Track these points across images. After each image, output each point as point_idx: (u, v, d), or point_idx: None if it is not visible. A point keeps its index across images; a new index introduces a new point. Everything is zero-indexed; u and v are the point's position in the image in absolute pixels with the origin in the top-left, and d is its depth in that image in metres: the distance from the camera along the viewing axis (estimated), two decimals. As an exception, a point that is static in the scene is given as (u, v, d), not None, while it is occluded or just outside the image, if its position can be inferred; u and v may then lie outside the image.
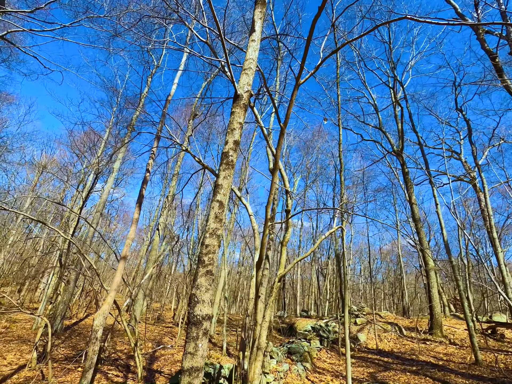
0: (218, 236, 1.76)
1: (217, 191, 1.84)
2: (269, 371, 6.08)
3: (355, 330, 12.06)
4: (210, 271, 1.65)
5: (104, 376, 6.97)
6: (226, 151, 1.92)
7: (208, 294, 1.60)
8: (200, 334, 1.49)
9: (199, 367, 1.43)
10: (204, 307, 1.55)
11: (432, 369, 7.41)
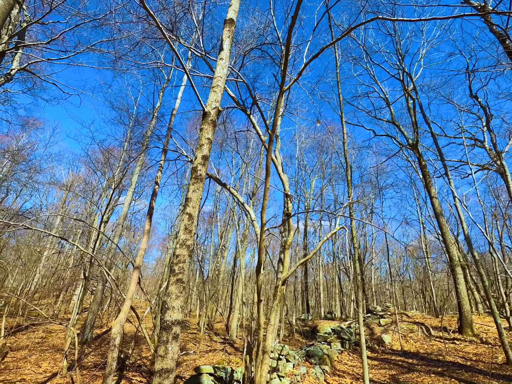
0: (188, 246, 1.88)
1: (187, 204, 1.97)
2: (284, 374, 6.10)
3: (379, 331, 11.74)
4: (180, 279, 1.77)
5: (129, 381, 7.29)
6: (195, 166, 2.05)
7: (178, 301, 1.73)
8: (170, 338, 1.62)
9: (169, 368, 1.55)
10: (173, 313, 1.67)
11: (459, 370, 7.09)
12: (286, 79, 3.89)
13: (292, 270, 4.48)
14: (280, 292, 4.41)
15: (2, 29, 11.18)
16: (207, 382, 4.51)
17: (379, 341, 11.00)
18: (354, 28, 3.02)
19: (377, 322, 12.58)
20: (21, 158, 20.00)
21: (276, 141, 11.42)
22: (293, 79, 3.66)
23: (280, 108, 3.56)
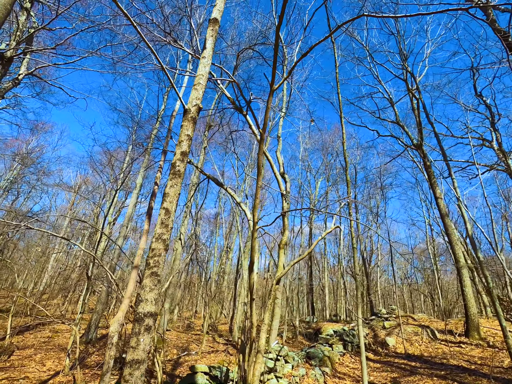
0: (164, 240, 1.91)
1: (164, 199, 2.00)
2: (282, 375, 6.07)
3: (383, 334, 11.58)
4: (155, 273, 1.80)
5: (129, 381, 7.36)
6: (174, 162, 2.09)
7: (152, 294, 1.75)
8: (142, 329, 1.64)
9: (140, 359, 1.57)
10: (146, 306, 1.70)
11: (463, 373, 6.94)
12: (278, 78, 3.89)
13: (286, 270, 4.47)
14: (274, 292, 4.41)
15: (11, 36, 11.49)
16: (201, 380, 4.52)
17: (383, 344, 10.85)
18: (342, 26, 3.02)
19: (381, 325, 12.40)
20: (30, 161, 20.46)
21: (278, 142, 11.42)
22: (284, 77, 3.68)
23: (270, 107, 3.56)
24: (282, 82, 3.64)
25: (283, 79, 3.61)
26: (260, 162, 3.80)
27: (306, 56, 15.07)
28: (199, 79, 2.39)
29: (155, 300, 1.75)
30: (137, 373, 1.53)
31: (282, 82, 3.64)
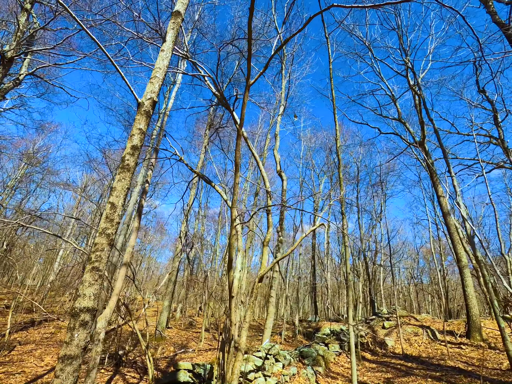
0: (108, 235, 1.88)
1: (111, 193, 1.98)
2: (271, 374, 6.02)
3: (382, 334, 11.42)
4: (97, 268, 1.78)
5: (122, 377, 7.41)
6: (123, 156, 2.06)
7: (92, 289, 1.73)
8: (77, 325, 1.62)
9: (73, 355, 1.55)
10: (84, 301, 1.68)
11: (458, 374, 6.78)
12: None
13: (268, 268, 4.42)
14: (256, 290, 4.36)
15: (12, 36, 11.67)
16: (183, 377, 4.52)
17: (382, 344, 10.70)
18: (313, 18, 2.94)
19: (381, 325, 12.24)
20: (36, 161, 20.82)
21: (275, 140, 11.35)
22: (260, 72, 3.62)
23: (246, 102, 3.51)
24: (258, 77, 3.58)
25: (259, 73, 3.55)
26: (237, 159, 3.76)
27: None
28: (156, 73, 2.36)
29: (94, 295, 1.73)
30: (69, 368, 1.51)
31: (258, 77, 3.58)
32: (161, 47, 2.46)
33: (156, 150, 7.06)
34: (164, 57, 2.42)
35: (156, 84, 2.33)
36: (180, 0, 2.66)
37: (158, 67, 2.38)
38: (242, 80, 12.61)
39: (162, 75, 2.39)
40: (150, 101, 2.26)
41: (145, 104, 2.22)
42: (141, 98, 2.23)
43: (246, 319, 4.24)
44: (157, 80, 2.34)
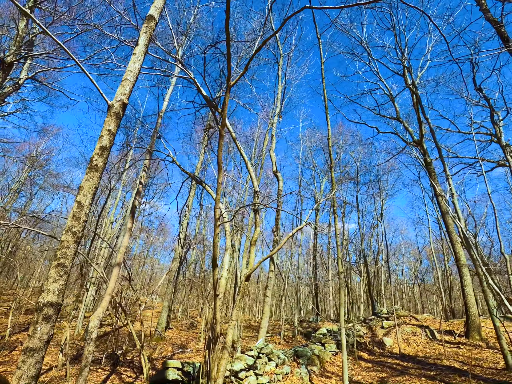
0: (74, 232, 1.95)
1: (79, 193, 2.05)
2: (263, 372, 6.05)
3: (381, 334, 11.38)
4: (62, 264, 1.84)
5: (118, 376, 7.50)
6: (92, 156, 2.13)
7: (56, 284, 1.80)
8: (40, 319, 1.69)
9: (35, 347, 1.62)
10: (47, 296, 1.74)
11: (453, 374, 6.75)
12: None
13: (255, 267, 4.46)
14: (243, 288, 4.40)
15: (12, 41, 11.85)
16: (172, 375, 4.57)
17: (380, 344, 10.67)
18: (288, 19, 2.99)
19: (380, 325, 12.19)
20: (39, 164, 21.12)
21: (271, 141, 11.40)
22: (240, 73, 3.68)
23: (227, 103, 3.56)
24: (239, 78, 3.63)
25: (240, 75, 3.60)
26: (219, 159, 3.82)
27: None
28: (127, 75, 2.43)
29: (58, 290, 1.79)
30: (31, 360, 1.57)
31: (238, 78, 3.63)
32: (133, 50, 2.54)
33: (149, 152, 7.15)
34: (135, 60, 2.49)
35: (127, 86, 2.39)
36: (154, 5, 2.73)
37: (129, 70, 2.45)
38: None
39: (134, 78, 2.45)
40: (120, 103, 2.33)
41: (114, 106, 2.29)
42: (111, 101, 2.31)
43: (233, 317, 4.29)
44: (127, 83, 2.40)
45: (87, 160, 18.65)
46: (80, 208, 1.99)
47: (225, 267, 4.71)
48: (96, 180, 2.09)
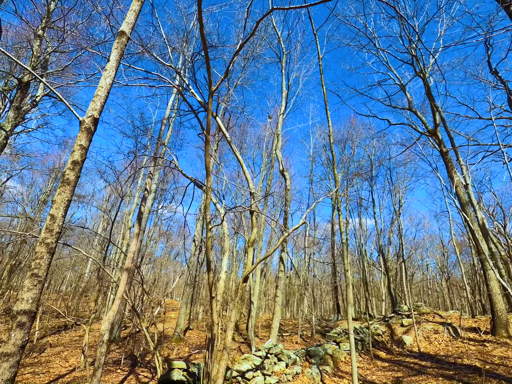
0: (47, 244, 2.06)
1: (52, 206, 2.17)
2: (272, 373, 6.07)
3: (400, 332, 11.04)
4: (35, 274, 1.96)
5: (135, 377, 7.79)
6: (64, 171, 2.25)
7: (30, 293, 1.92)
8: (14, 325, 1.81)
9: (10, 353, 1.74)
10: (21, 304, 1.86)
11: (473, 373, 6.43)
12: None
13: (252, 268, 4.48)
14: (241, 290, 4.44)
15: (27, 62, 12.49)
16: (177, 376, 4.70)
17: (399, 342, 10.36)
18: (260, 21, 3.00)
19: (400, 323, 11.83)
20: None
21: (277, 140, 11.37)
22: (221, 78, 3.72)
23: (211, 109, 3.61)
24: (220, 83, 3.68)
25: (221, 80, 3.65)
26: (207, 163, 3.88)
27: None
28: (98, 91, 2.54)
29: (32, 299, 1.91)
30: (6, 364, 1.70)
31: (219, 83, 3.68)
32: (105, 66, 2.65)
33: (154, 159, 7.36)
34: (106, 76, 2.60)
35: (98, 102, 2.51)
36: (125, 20, 2.83)
37: (100, 86, 2.56)
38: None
39: (105, 93, 2.56)
40: (91, 118, 2.45)
41: (85, 121, 2.41)
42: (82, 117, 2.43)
43: (231, 319, 4.34)
44: (98, 98, 2.52)
45: (101, 168, 19.39)
46: (53, 221, 2.12)
47: (223, 269, 4.76)
48: (68, 193, 2.22)
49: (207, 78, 3.68)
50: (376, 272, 26.16)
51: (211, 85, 3.60)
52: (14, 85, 12.53)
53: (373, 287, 25.76)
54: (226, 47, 6.93)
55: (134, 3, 2.87)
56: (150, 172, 7.22)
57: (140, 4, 2.90)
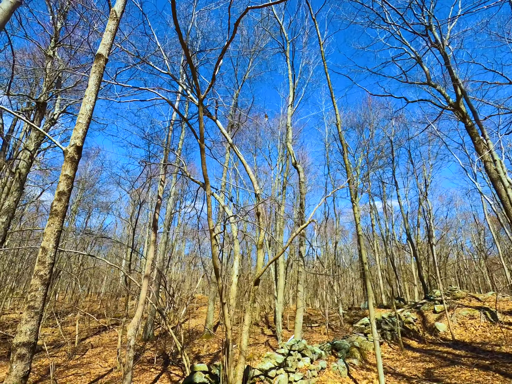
0: (40, 276, 2.14)
1: (43, 238, 2.24)
2: (295, 369, 6.07)
3: (433, 319, 10.63)
4: (32, 306, 2.05)
5: (168, 375, 8.14)
6: (52, 203, 2.31)
7: (28, 325, 2.00)
8: (15, 358, 1.90)
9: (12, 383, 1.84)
10: (20, 337, 1.95)
11: (511, 363, 6.06)
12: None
13: (262, 270, 4.44)
14: (253, 293, 4.43)
15: (42, 83, 13.01)
16: (199, 379, 4.82)
17: (432, 330, 9.98)
18: (238, 23, 2.88)
19: (432, 309, 11.38)
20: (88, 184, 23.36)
21: (287, 132, 11.18)
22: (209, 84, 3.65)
23: (202, 117, 3.56)
24: (208, 90, 3.61)
25: (208, 86, 3.57)
26: (204, 171, 3.86)
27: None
28: (79, 119, 2.56)
29: (30, 330, 2.01)
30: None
31: (207, 90, 3.61)
32: (85, 92, 2.67)
33: (164, 167, 7.48)
34: (86, 102, 2.62)
35: (80, 130, 2.54)
36: (102, 42, 2.83)
37: (81, 113, 2.59)
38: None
39: (86, 120, 2.58)
40: (74, 147, 2.49)
41: (69, 151, 2.46)
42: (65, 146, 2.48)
43: (245, 323, 4.36)
44: (80, 126, 2.55)
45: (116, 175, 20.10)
46: (44, 253, 2.20)
47: (234, 273, 4.77)
48: (57, 224, 2.29)
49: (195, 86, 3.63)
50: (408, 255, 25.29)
51: (200, 93, 3.54)
52: (34, 106, 13.18)
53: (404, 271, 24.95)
54: (214, 49, 6.78)
55: (109, 23, 2.85)
56: (161, 180, 7.36)
57: (115, 23, 2.88)
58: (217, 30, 15.14)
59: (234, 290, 4.60)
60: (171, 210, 15.81)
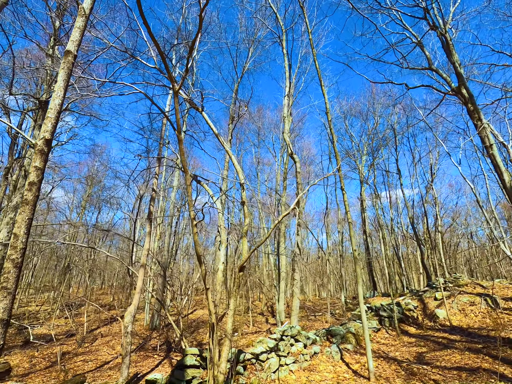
0: (12, 260, 2.31)
1: (15, 225, 2.41)
2: (287, 354, 6.24)
3: (433, 306, 10.62)
4: (5, 287, 2.23)
5: (169, 361, 8.46)
6: (22, 192, 2.46)
7: (1, 304, 2.18)
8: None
9: (-14, 355, 2.04)
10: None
11: (504, 346, 6.07)
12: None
13: (247, 257, 4.57)
14: (238, 279, 4.58)
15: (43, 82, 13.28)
16: (190, 361, 5.04)
17: (432, 317, 9.99)
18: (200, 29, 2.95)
19: (433, 296, 11.35)
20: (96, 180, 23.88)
21: (284, 123, 11.17)
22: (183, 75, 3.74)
23: (178, 108, 3.66)
24: (182, 81, 3.69)
25: (182, 78, 3.66)
26: (183, 162, 3.98)
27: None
28: (49, 113, 2.70)
29: (3, 308, 2.19)
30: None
31: (182, 81, 3.70)
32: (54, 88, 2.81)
33: (158, 159, 7.64)
34: (55, 97, 2.75)
35: (49, 124, 2.68)
36: (71, 39, 2.94)
37: (50, 107, 2.73)
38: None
39: (55, 114, 2.72)
40: (43, 140, 2.63)
41: (38, 144, 2.61)
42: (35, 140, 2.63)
43: (230, 307, 4.52)
44: (49, 120, 2.69)
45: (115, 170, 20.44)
46: (16, 239, 2.37)
47: (220, 260, 4.92)
48: (28, 212, 2.46)
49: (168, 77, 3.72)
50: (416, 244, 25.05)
51: (174, 83, 3.64)
52: (38, 105, 13.54)
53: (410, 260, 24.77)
54: (180, 44, 6.80)
55: (78, 20, 2.97)
56: (156, 173, 7.53)
57: (84, 20, 3.00)
58: (214, 22, 15.06)
59: (220, 277, 4.76)
60: (174, 203, 16.08)
